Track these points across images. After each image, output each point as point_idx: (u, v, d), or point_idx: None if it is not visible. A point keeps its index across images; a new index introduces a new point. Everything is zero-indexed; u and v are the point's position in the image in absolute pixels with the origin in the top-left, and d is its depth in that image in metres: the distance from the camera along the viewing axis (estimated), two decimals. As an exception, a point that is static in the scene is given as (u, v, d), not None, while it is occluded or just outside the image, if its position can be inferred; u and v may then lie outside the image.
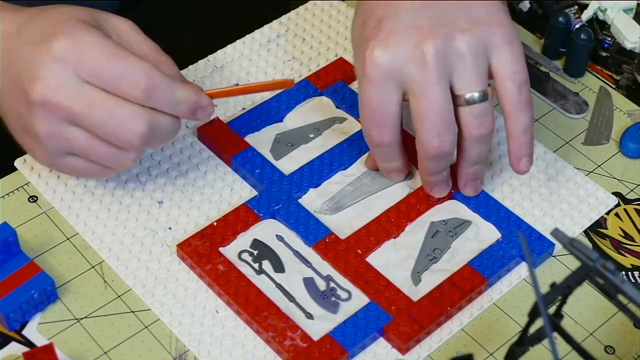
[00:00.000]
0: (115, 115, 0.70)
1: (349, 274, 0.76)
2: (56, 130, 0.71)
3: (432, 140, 0.74)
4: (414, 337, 0.73)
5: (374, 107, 0.74)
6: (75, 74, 0.70)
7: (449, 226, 0.80)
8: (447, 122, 0.73)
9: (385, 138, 0.76)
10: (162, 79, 0.70)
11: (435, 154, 0.75)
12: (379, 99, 0.74)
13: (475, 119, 0.74)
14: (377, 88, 0.73)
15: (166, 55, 0.74)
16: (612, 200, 0.83)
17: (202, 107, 0.73)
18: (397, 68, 0.73)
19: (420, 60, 0.72)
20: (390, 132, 0.75)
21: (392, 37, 0.73)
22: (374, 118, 0.75)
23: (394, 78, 0.73)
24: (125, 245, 0.77)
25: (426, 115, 0.73)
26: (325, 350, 0.71)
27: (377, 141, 0.76)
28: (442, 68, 0.73)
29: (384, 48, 0.73)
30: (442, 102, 0.73)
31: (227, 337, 0.73)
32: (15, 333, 0.72)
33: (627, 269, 0.79)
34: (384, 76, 0.73)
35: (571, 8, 0.99)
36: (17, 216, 0.79)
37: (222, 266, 0.75)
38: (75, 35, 0.70)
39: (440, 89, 0.72)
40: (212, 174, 0.82)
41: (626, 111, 0.91)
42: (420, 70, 0.72)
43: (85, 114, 0.70)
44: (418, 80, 0.72)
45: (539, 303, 0.59)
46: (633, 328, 0.75)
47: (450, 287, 0.75)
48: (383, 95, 0.74)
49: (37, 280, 0.72)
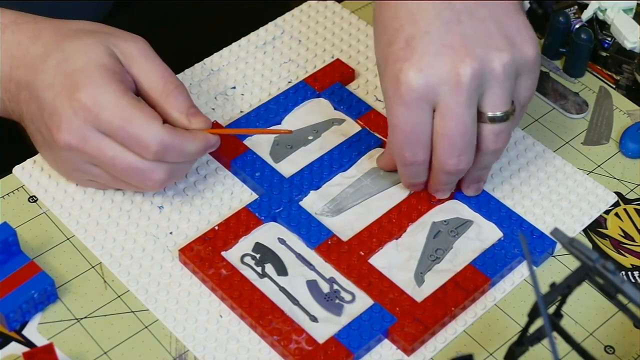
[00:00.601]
0: (136, 169, 0.74)
1: (352, 275, 0.76)
2: (81, 167, 0.76)
3: (451, 160, 0.74)
4: (419, 338, 0.73)
5: (409, 130, 0.73)
6: (96, 129, 0.73)
7: (450, 226, 0.80)
8: (469, 143, 0.73)
9: (420, 157, 0.75)
10: (172, 139, 0.73)
11: (452, 171, 0.75)
12: (414, 121, 0.73)
13: (495, 135, 0.74)
14: (411, 110, 0.72)
15: (175, 83, 0.76)
16: (612, 197, 0.83)
17: (212, 147, 0.77)
18: (432, 90, 0.71)
19: (455, 83, 0.71)
20: (424, 152, 0.75)
21: (426, 58, 0.71)
22: (408, 140, 0.74)
23: (427, 100, 0.72)
24: (126, 251, 0.77)
25: (450, 136, 0.72)
26: (331, 353, 0.71)
27: (410, 161, 0.75)
28: (475, 91, 0.72)
29: (418, 71, 0.71)
30: (469, 125, 0.72)
31: (232, 341, 0.73)
32: (15, 333, 0.72)
33: (627, 269, 0.79)
34: (418, 99, 0.72)
35: (571, 8, 0.98)
36: (17, 216, 0.79)
37: (225, 270, 0.75)
38: (94, 93, 0.73)
39: (469, 112, 0.72)
40: (212, 178, 0.82)
41: (626, 111, 0.91)
42: (454, 93, 0.71)
43: (108, 164, 0.75)
44: (450, 102, 0.71)
45: (539, 303, 0.59)
46: (633, 328, 0.75)
47: (453, 287, 0.75)
48: (417, 118, 0.72)
49: (37, 280, 0.73)
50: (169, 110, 0.76)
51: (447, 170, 0.75)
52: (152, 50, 0.77)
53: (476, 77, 0.71)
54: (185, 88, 0.77)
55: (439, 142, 0.73)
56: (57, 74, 0.74)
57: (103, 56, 0.74)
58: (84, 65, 0.73)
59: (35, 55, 0.75)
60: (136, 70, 0.76)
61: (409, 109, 0.72)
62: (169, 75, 0.77)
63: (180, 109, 0.76)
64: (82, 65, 0.73)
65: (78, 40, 0.75)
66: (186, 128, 0.75)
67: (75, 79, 0.73)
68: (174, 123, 0.76)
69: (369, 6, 0.98)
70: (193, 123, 0.76)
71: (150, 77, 0.76)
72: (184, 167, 0.77)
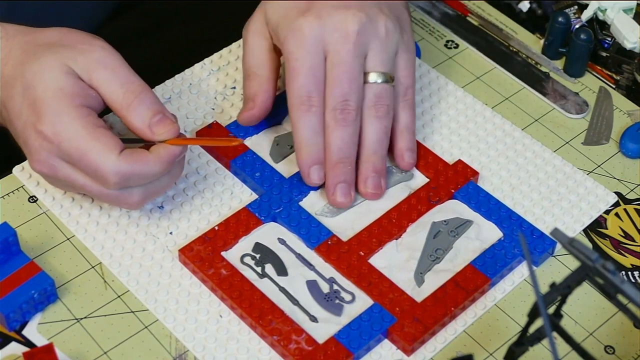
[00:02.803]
0: (108, 196, 0.74)
1: (352, 276, 0.76)
2: (64, 186, 0.77)
3: (340, 103, 0.78)
4: (419, 338, 0.73)
5: (306, 70, 0.78)
6: (61, 159, 0.73)
7: (450, 226, 0.80)
8: (356, 91, 0.78)
9: (314, 97, 0.78)
10: (130, 168, 0.72)
11: (341, 108, 0.78)
12: (310, 63, 0.78)
13: (375, 96, 0.79)
14: (309, 53, 0.78)
15: (136, 92, 0.74)
16: (612, 197, 0.83)
17: (177, 157, 0.74)
18: (326, 36, 0.78)
19: (345, 32, 0.78)
20: (317, 94, 0.79)
21: (324, 10, 0.79)
22: (307, 78, 0.78)
23: (322, 45, 0.79)
24: (126, 251, 0.77)
25: (339, 80, 0.78)
26: (331, 353, 0.71)
27: (307, 99, 0.78)
28: (362, 44, 0.79)
29: (316, 18, 0.78)
30: (356, 72, 0.78)
31: (232, 341, 0.73)
32: (15, 333, 0.72)
33: (627, 269, 0.79)
34: (315, 44, 0.78)
35: (571, 8, 0.99)
36: (17, 216, 0.79)
37: (225, 270, 0.75)
38: (53, 123, 0.72)
39: (357, 61, 0.78)
40: (212, 178, 0.82)
41: (626, 111, 0.91)
42: (343, 41, 0.78)
43: (83, 190, 0.75)
44: (339, 50, 0.78)
45: (539, 303, 0.59)
46: (633, 328, 0.75)
47: (453, 287, 0.75)
48: (314, 60, 0.78)
49: (37, 280, 0.73)
50: (131, 123, 0.74)
51: (338, 110, 0.78)
52: (113, 55, 0.75)
53: (363, 31, 0.79)
54: (150, 92, 0.75)
55: (330, 87, 0.78)
56: (23, 102, 0.73)
57: (61, 78, 0.73)
58: (42, 91, 0.73)
59: (7, 77, 0.75)
60: (96, 83, 0.74)
61: (307, 52, 0.78)
62: (130, 83, 0.74)
63: (141, 120, 0.74)
64: (41, 92, 0.73)
65: (37, 63, 0.74)
66: (151, 140, 0.74)
67: (37, 108, 0.73)
68: (138, 136, 0.75)
69: (369, 6, 0.98)
70: (157, 134, 0.74)
71: (111, 88, 0.74)
72: (159, 183, 0.75)
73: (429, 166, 0.83)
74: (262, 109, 0.83)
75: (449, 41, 0.96)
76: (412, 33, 0.84)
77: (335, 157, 0.79)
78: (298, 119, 0.79)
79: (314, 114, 0.78)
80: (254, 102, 0.83)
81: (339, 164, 0.79)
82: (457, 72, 0.93)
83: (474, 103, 0.90)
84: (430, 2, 0.99)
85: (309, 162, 0.79)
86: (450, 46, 0.96)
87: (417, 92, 0.90)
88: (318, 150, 0.79)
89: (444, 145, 0.86)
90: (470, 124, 0.88)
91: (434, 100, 0.89)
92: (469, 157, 0.85)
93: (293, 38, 0.78)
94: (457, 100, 0.90)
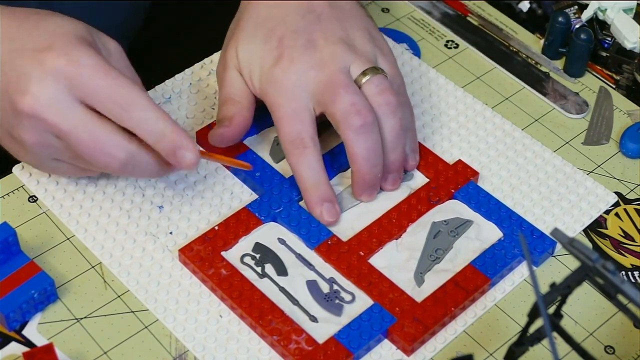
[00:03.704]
0: (97, 139, 0.70)
1: (352, 276, 0.76)
2: (43, 140, 0.71)
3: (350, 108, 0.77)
4: (419, 338, 0.73)
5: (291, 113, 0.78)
6: (69, 92, 0.70)
7: (450, 226, 0.80)
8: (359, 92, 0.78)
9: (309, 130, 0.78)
10: (140, 96, 0.70)
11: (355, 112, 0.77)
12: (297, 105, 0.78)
13: (378, 91, 0.78)
14: (292, 98, 0.78)
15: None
16: (612, 197, 0.83)
17: (183, 149, 0.72)
18: (302, 78, 0.78)
19: (321, 65, 0.78)
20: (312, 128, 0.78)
21: (295, 53, 0.79)
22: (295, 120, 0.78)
23: (302, 87, 0.78)
24: (126, 251, 0.77)
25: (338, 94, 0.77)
26: (331, 353, 0.71)
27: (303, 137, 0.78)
28: (342, 65, 0.78)
29: (289, 64, 0.78)
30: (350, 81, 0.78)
31: (232, 341, 0.73)
32: (15, 333, 0.72)
33: (627, 269, 0.79)
34: (294, 89, 0.78)
35: (571, 8, 0.99)
36: (17, 216, 0.79)
37: (225, 270, 0.75)
38: (71, 53, 0.70)
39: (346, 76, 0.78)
40: (211, 178, 0.82)
41: (626, 111, 0.91)
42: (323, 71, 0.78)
43: (71, 134, 0.70)
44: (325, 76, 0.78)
45: (539, 303, 0.59)
46: (633, 328, 0.75)
47: (453, 287, 0.75)
48: (300, 102, 0.78)
49: (37, 280, 0.73)
50: None
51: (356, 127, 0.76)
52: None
53: (338, 57, 0.78)
54: None
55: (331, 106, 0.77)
56: (30, 38, 0.71)
57: (86, 35, 0.72)
58: (62, 32, 0.71)
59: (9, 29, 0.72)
60: (115, 63, 0.74)
61: (288, 99, 0.78)
62: (138, 79, 0.75)
63: None
64: (61, 32, 0.71)
65: (62, 18, 0.73)
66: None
67: (51, 43, 0.70)
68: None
69: (370, 6, 0.98)
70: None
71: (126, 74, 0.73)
72: (146, 157, 0.72)
73: (429, 166, 0.83)
74: (236, 131, 0.81)
75: (449, 41, 0.96)
76: (383, 37, 0.84)
77: (364, 168, 0.78)
78: (296, 162, 0.78)
79: (310, 153, 0.77)
80: (230, 122, 0.81)
81: (369, 173, 0.79)
82: (457, 72, 0.93)
83: (474, 103, 0.90)
84: (430, 2, 0.99)
85: (319, 202, 0.78)
86: (450, 46, 0.96)
87: (417, 92, 0.90)
88: (324, 187, 0.78)
89: (444, 145, 0.86)
90: (470, 124, 0.88)
91: (434, 100, 0.89)
92: (469, 157, 0.85)
93: (272, 89, 0.78)
94: (457, 100, 0.90)
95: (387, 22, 0.97)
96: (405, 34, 0.96)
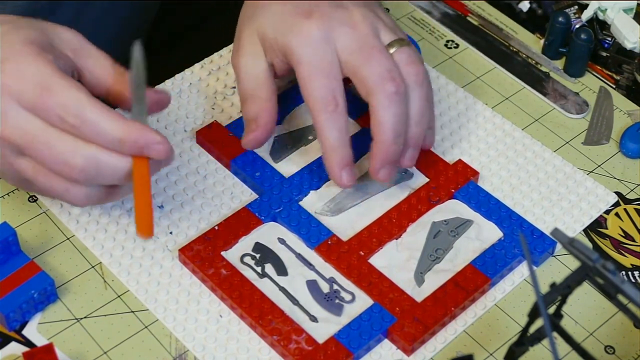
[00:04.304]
0: (53, 148, 0.68)
1: (352, 275, 0.76)
2: (6, 161, 0.70)
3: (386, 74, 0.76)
4: (419, 338, 0.73)
5: (318, 61, 0.76)
6: (18, 105, 0.68)
7: (450, 226, 0.80)
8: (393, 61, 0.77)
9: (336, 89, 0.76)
10: (91, 110, 0.68)
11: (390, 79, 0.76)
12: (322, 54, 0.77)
13: (407, 56, 0.78)
14: (317, 47, 0.76)
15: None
16: (612, 197, 0.83)
17: (150, 144, 0.69)
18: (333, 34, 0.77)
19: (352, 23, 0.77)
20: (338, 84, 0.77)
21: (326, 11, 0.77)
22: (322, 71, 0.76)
23: (332, 44, 0.77)
24: (126, 251, 0.77)
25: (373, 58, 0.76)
26: (331, 352, 0.71)
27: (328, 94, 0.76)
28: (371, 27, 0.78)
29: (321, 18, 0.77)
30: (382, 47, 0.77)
31: (232, 341, 0.73)
32: (15, 333, 0.72)
33: (627, 269, 0.79)
34: (324, 44, 0.76)
35: (571, 8, 0.99)
36: (17, 216, 0.79)
37: (225, 270, 0.75)
38: (19, 65, 0.68)
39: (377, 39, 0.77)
40: (211, 178, 0.82)
41: (626, 111, 0.91)
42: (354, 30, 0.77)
43: (28, 146, 0.68)
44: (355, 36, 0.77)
45: (539, 303, 0.59)
46: (633, 328, 0.75)
47: (453, 287, 0.75)
48: (326, 53, 0.76)
49: (37, 280, 0.72)
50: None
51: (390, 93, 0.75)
52: None
53: (369, 19, 0.78)
54: None
55: (364, 69, 0.76)
56: None
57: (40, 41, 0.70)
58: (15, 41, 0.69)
59: None
60: (84, 56, 0.72)
61: (319, 52, 0.76)
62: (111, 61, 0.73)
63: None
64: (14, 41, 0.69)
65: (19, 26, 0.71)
66: None
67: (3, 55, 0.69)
68: None
69: (369, 6, 0.98)
70: None
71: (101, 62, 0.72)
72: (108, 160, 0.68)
73: (429, 166, 0.83)
74: (265, 130, 0.80)
75: (449, 41, 0.96)
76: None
77: (391, 136, 0.76)
78: (325, 121, 0.76)
79: (339, 113, 0.76)
80: (257, 124, 0.80)
81: (394, 143, 0.76)
82: (457, 72, 0.93)
83: (474, 103, 0.90)
84: (430, 2, 0.99)
85: (341, 165, 0.77)
86: (450, 46, 0.96)
87: (417, 92, 0.90)
88: (348, 151, 0.77)
89: (444, 145, 0.86)
90: (471, 124, 0.88)
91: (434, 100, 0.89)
92: (469, 157, 0.85)
93: (301, 42, 0.76)
94: (457, 100, 0.90)
95: (387, 22, 0.97)
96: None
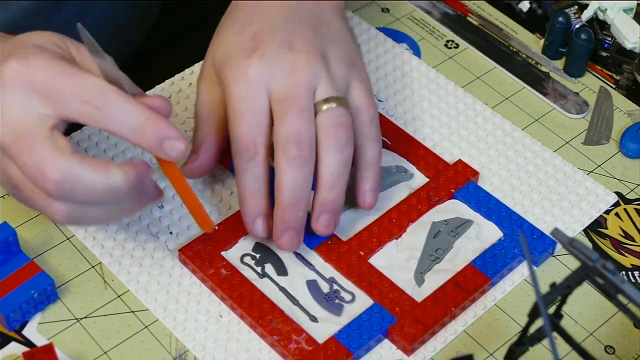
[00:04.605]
0: (34, 152, 0.66)
1: (352, 275, 0.76)
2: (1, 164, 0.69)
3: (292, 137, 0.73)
4: (419, 338, 0.73)
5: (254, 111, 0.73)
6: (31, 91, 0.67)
7: (450, 226, 0.80)
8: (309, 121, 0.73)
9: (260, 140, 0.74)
10: (114, 91, 0.67)
11: (295, 143, 0.72)
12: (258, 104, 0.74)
13: (333, 123, 0.74)
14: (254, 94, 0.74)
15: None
16: (612, 197, 0.83)
17: (170, 139, 0.68)
18: (270, 77, 0.74)
19: (291, 69, 0.74)
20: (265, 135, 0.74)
21: (270, 50, 0.75)
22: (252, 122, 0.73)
23: (267, 88, 0.74)
24: (126, 251, 0.77)
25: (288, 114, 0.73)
26: (331, 352, 0.71)
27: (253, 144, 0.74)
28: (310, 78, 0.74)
29: (261, 59, 0.74)
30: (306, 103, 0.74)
31: (232, 341, 0.73)
32: (15, 333, 0.72)
33: (627, 269, 0.79)
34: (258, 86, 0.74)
35: (571, 8, 0.99)
36: (17, 216, 0.79)
37: (225, 270, 0.75)
38: (29, 60, 0.67)
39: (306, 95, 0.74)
40: (211, 177, 0.82)
41: (626, 111, 0.91)
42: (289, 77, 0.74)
43: (12, 149, 0.67)
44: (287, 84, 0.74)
45: (539, 303, 0.59)
46: (633, 328, 0.75)
47: (453, 287, 0.75)
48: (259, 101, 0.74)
49: (37, 280, 0.72)
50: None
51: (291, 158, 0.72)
52: None
53: (311, 68, 0.74)
54: None
55: (279, 124, 0.73)
56: None
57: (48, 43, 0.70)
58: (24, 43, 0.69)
59: None
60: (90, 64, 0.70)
61: (250, 94, 0.73)
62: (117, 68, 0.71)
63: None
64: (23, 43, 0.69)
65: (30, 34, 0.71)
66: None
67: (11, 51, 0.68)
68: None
69: (370, 6, 0.98)
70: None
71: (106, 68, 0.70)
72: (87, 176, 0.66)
73: (429, 166, 0.83)
74: (204, 161, 0.78)
75: (449, 41, 0.96)
76: (364, 66, 0.80)
77: (286, 201, 0.73)
78: (242, 168, 0.74)
79: (258, 163, 0.74)
80: (197, 155, 0.78)
81: (290, 208, 0.73)
82: (457, 72, 0.93)
83: (474, 103, 0.90)
84: (430, 2, 0.99)
85: (254, 214, 0.75)
86: (450, 46, 0.96)
87: (417, 91, 0.90)
88: (262, 201, 0.75)
89: (444, 145, 0.86)
90: (470, 124, 0.88)
91: (433, 100, 0.89)
92: (469, 157, 0.85)
93: (236, 80, 0.74)
94: (457, 100, 0.90)
95: (387, 22, 0.97)
96: (405, 34, 0.96)
